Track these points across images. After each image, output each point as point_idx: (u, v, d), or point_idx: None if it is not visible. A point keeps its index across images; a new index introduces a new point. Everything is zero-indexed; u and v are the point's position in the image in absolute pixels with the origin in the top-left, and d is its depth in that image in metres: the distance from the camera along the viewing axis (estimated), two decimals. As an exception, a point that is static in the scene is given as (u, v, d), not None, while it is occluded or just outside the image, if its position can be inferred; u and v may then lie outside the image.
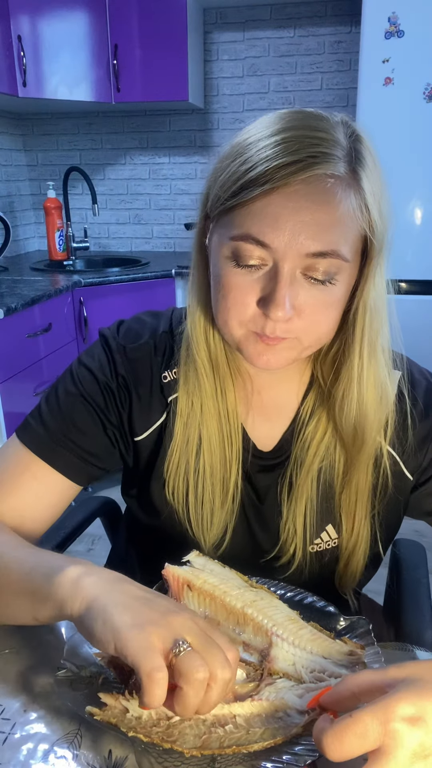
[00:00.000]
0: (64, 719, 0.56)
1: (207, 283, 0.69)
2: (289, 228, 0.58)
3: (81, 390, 0.76)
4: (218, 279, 0.64)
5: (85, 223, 3.24)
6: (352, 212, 0.59)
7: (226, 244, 0.62)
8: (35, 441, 0.75)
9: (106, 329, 0.80)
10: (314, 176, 0.57)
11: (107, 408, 0.76)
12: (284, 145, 0.57)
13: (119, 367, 0.76)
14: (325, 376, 0.73)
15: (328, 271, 0.60)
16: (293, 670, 0.57)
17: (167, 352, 0.77)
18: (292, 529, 0.75)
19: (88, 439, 0.76)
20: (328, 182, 0.57)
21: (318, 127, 0.59)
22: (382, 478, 0.74)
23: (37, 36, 2.46)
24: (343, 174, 0.58)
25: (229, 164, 0.61)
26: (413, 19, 2.22)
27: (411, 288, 2.47)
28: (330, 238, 0.58)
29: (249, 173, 0.58)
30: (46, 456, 0.75)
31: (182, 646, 0.47)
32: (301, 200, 0.57)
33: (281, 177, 0.56)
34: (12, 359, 2.03)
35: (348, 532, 0.75)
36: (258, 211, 0.58)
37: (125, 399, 0.76)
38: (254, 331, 0.63)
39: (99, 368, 0.76)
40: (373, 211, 0.60)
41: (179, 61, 2.62)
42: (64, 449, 0.75)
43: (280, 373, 0.74)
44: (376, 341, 0.67)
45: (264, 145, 0.58)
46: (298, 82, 2.92)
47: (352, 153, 0.59)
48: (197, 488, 0.74)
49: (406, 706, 0.42)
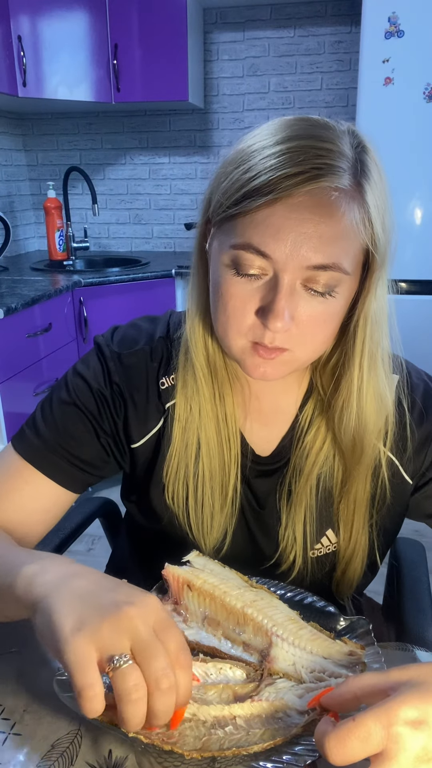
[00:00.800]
0: (64, 719, 0.56)
1: (206, 288, 0.68)
2: (291, 239, 0.57)
3: (75, 399, 0.76)
4: (217, 287, 0.63)
5: (85, 223, 3.24)
6: (355, 226, 0.58)
7: (227, 252, 0.61)
8: (29, 450, 0.76)
9: (100, 336, 0.79)
10: (319, 188, 0.56)
11: (101, 416, 0.76)
12: (289, 155, 0.56)
13: (113, 375, 0.75)
14: (324, 386, 0.73)
15: (328, 283, 0.60)
16: (293, 670, 0.57)
17: (164, 358, 0.76)
18: (292, 536, 0.75)
19: (81, 447, 0.76)
20: (333, 195, 0.56)
21: (324, 137, 0.58)
22: (381, 488, 0.74)
23: (37, 36, 2.46)
24: (347, 187, 0.57)
25: (232, 171, 0.60)
26: (413, 19, 2.22)
27: (411, 288, 2.47)
28: (332, 251, 0.58)
29: (252, 182, 0.57)
30: (40, 464, 0.75)
31: (119, 662, 0.45)
32: (305, 212, 0.56)
33: (285, 188, 0.55)
34: (12, 359, 2.03)
35: (346, 541, 0.75)
36: (260, 220, 0.58)
37: (120, 407, 0.76)
38: (252, 341, 0.63)
39: (93, 377, 0.76)
40: (376, 225, 0.59)
41: (179, 61, 2.62)
42: (58, 458, 0.75)
43: (278, 380, 0.74)
44: (376, 353, 0.67)
45: (269, 153, 0.57)
46: (298, 82, 2.92)
47: (357, 165, 0.59)
48: (197, 492, 0.74)
49: (408, 710, 0.42)
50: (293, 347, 0.63)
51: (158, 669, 0.45)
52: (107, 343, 0.78)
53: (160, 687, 0.45)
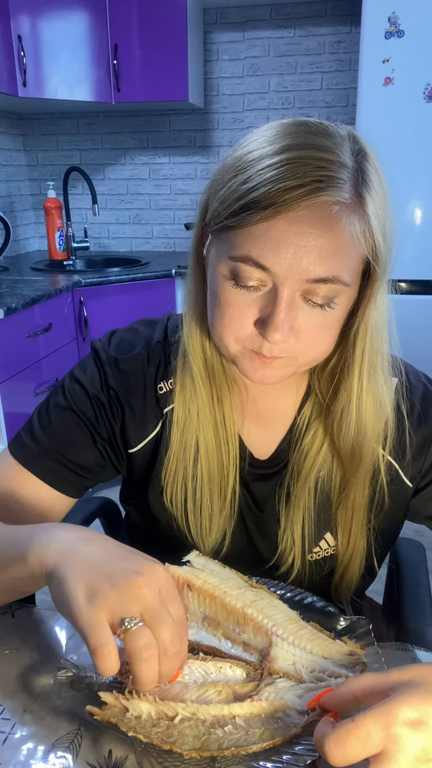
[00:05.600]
0: (64, 719, 0.56)
1: (203, 292, 0.67)
2: (291, 253, 0.56)
3: (71, 404, 0.76)
4: (215, 295, 0.63)
5: (85, 223, 3.24)
6: (355, 238, 0.57)
7: (225, 262, 0.60)
8: (26, 455, 0.76)
9: (97, 341, 0.79)
10: (319, 202, 0.55)
11: (98, 422, 0.76)
12: (289, 167, 0.54)
13: (110, 380, 0.75)
14: (323, 390, 0.73)
15: (327, 295, 0.59)
16: (293, 670, 0.57)
17: (162, 362, 0.76)
18: (290, 539, 0.75)
19: (78, 452, 0.76)
20: (333, 208, 0.55)
21: (324, 147, 0.56)
22: (379, 492, 0.74)
23: (37, 36, 2.46)
24: (348, 200, 0.56)
25: (230, 179, 0.59)
26: (413, 19, 2.22)
27: (411, 288, 2.47)
28: (332, 264, 0.57)
29: (251, 193, 0.56)
30: (37, 470, 0.75)
31: (130, 624, 0.48)
32: (305, 225, 0.55)
33: (285, 201, 0.54)
34: (12, 359, 2.03)
35: (344, 544, 0.75)
36: (260, 233, 0.57)
37: (117, 412, 0.76)
38: (250, 349, 0.63)
39: (89, 382, 0.76)
40: (377, 236, 0.58)
41: (179, 61, 2.62)
42: (55, 463, 0.75)
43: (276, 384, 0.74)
44: (376, 360, 0.67)
45: (267, 164, 0.55)
46: (298, 82, 2.92)
47: (358, 175, 0.57)
48: (195, 494, 0.74)
49: (408, 710, 0.42)
50: (292, 355, 0.63)
51: (167, 635, 0.49)
52: (104, 348, 0.77)
53: (167, 653, 0.49)
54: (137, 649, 0.48)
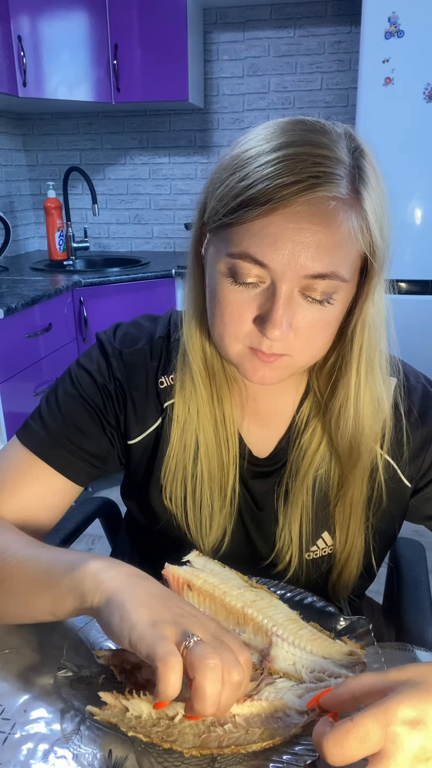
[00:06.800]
0: (64, 719, 0.56)
1: (202, 291, 0.68)
2: (288, 249, 0.57)
3: (80, 391, 0.76)
4: (214, 293, 0.63)
5: (85, 223, 3.24)
6: (353, 234, 0.58)
7: (223, 260, 0.61)
8: (36, 442, 0.76)
9: (102, 333, 0.80)
10: (316, 197, 0.55)
11: (105, 409, 0.76)
12: (285, 164, 0.55)
13: (115, 371, 0.76)
14: (321, 388, 0.73)
15: (326, 291, 0.59)
16: (293, 670, 0.57)
17: (163, 357, 0.76)
18: (288, 537, 0.75)
19: (87, 439, 0.76)
20: (330, 204, 0.56)
21: (320, 143, 0.57)
22: (377, 491, 0.74)
23: (37, 36, 2.46)
24: (345, 195, 0.57)
25: (227, 177, 0.59)
26: (413, 19, 2.22)
27: (411, 288, 2.47)
28: (330, 260, 0.57)
29: (248, 190, 0.56)
30: (47, 457, 0.75)
31: (193, 638, 0.48)
32: (302, 221, 0.56)
33: (282, 197, 0.54)
34: (12, 359, 2.03)
35: (342, 543, 0.75)
36: (257, 230, 0.57)
37: (122, 401, 0.76)
38: (250, 347, 0.63)
39: (97, 370, 0.76)
40: (374, 232, 0.59)
41: (179, 61, 2.62)
42: (65, 450, 0.75)
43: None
44: (374, 357, 0.67)
45: (265, 161, 0.56)
46: (298, 82, 2.92)
47: (354, 171, 0.58)
48: (195, 493, 0.74)
49: (406, 710, 0.42)
50: (291, 353, 0.63)
51: (230, 660, 0.48)
52: (109, 340, 0.78)
53: (231, 679, 0.48)
54: (203, 656, 0.47)
